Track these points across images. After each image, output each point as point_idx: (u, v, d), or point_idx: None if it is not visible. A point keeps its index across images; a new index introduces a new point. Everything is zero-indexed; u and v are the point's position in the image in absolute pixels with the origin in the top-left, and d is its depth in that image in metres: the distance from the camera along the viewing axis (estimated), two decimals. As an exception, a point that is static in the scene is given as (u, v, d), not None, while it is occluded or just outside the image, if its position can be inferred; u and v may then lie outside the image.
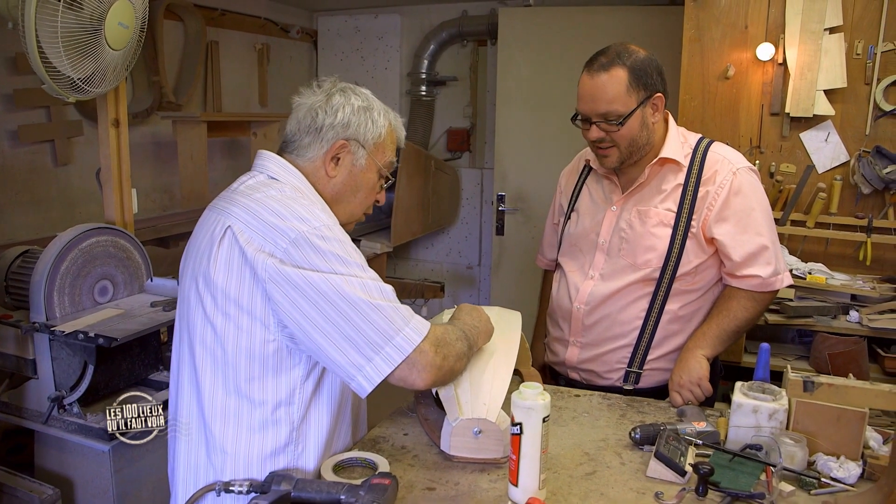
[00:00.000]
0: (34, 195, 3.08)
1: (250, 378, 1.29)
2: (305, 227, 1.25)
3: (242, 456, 1.31)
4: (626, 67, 1.70)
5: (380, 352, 1.23)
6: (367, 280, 1.26)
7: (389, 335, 1.23)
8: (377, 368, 1.23)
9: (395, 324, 1.24)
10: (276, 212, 1.27)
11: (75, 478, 2.13)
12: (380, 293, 1.26)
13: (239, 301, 1.26)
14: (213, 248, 1.29)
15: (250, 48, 4.37)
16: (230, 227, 1.28)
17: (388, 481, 1.24)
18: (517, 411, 1.25)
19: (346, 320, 1.22)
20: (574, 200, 2.00)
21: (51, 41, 1.91)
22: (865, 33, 2.64)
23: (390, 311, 1.25)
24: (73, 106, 3.15)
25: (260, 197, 1.31)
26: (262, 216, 1.27)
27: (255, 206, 1.29)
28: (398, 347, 1.24)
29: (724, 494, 1.29)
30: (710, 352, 1.78)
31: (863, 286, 2.58)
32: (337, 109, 1.40)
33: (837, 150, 2.72)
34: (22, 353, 2.14)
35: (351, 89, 1.44)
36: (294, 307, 1.23)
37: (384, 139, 1.45)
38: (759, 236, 1.77)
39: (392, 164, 1.50)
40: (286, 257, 1.23)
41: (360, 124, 1.41)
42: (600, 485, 1.35)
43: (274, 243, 1.24)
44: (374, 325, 1.23)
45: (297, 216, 1.26)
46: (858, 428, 1.39)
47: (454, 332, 1.38)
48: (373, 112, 1.43)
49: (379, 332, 1.23)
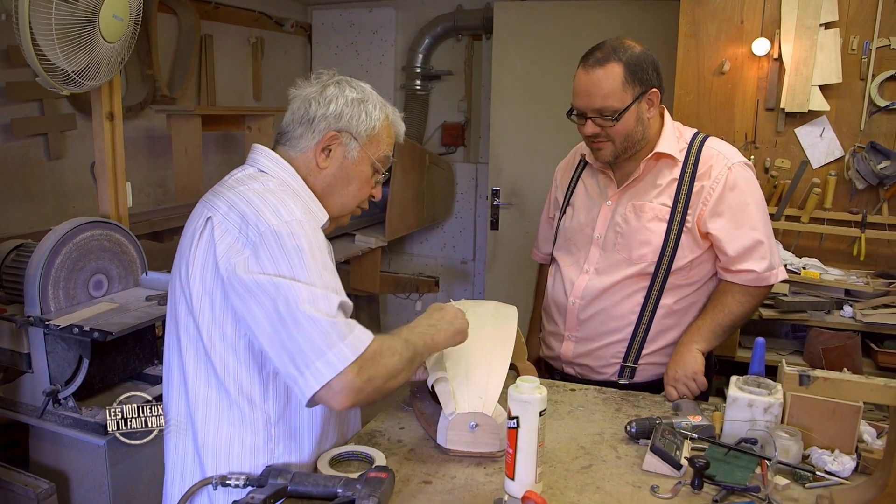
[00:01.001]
0: (27, 189, 3.06)
1: (226, 372, 1.29)
2: (276, 221, 1.24)
3: (223, 450, 1.31)
4: (621, 62, 1.70)
5: (311, 366, 1.17)
6: (316, 290, 1.20)
7: (321, 350, 1.17)
8: (307, 383, 1.18)
9: (329, 339, 1.17)
10: (253, 204, 1.27)
11: (70, 472, 2.12)
12: (325, 305, 1.20)
13: (212, 294, 1.28)
14: (194, 240, 1.31)
15: (244, 42, 4.35)
16: (210, 217, 1.30)
17: (385, 475, 1.24)
18: (514, 405, 1.25)
19: (284, 327, 1.18)
20: (569, 195, 2.00)
21: (45, 33, 1.90)
22: (861, 29, 2.64)
23: (327, 325, 1.18)
24: (67, 99, 3.13)
25: (242, 190, 1.31)
26: (240, 208, 1.27)
27: (235, 198, 1.30)
28: (328, 363, 1.17)
29: (719, 488, 1.30)
30: (705, 346, 1.78)
31: (857, 281, 2.59)
32: (330, 101, 1.39)
33: (832, 146, 2.73)
34: (16, 347, 2.13)
35: (347, 82, 1.43)
36: (244, 305, 1.23)
37: (378, 132, 1.44)
38: (754, 231, 1.77)
39: (387, 158, 1.48)
40: (252, 252, 1.22)
41: (353, 116, 1.40)
42: (596, 478, 1.36)
43: (246, 237, 1.24)
44: (307, 338, 1.17)
45: (272, 209, 1.26)
46: (853, 422, 1.40)
47: (392, 344, 1.28)
48: (367, 104, 1.42)
49: (311, 345, 1.17)
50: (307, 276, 1.21)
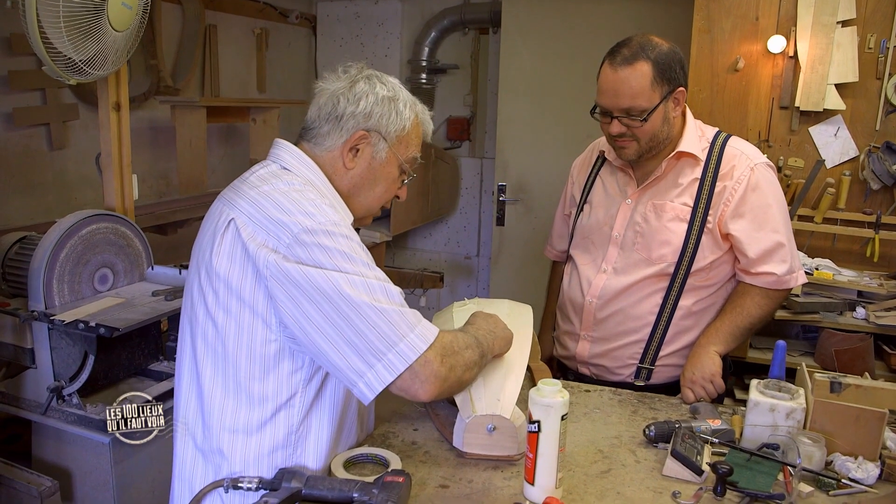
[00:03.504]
0: (29, 180, 3.02)
1: (250, 377, 1.25)
2: (310, 222, 1.19)
3: (239, 455, 1.27)
4: (650, 61, 1.66)
5: (382, 358, 1.16)
6: (373, 280, 1.19)
7: (393, 341, 1.16)
8: (379, 376, 1.16)
9: (400, 329, 1.17)
10: (281, 205, 1.21)
11: (74, 469, 2.09)
12: (385, 295, 1.19)
13: (241, 295, 1.22)
14: (215, 240, 1.25)
15: (249, 33, 4.30)
16: (234, 219, 1.23)
17: (402, 479, 1.21)
18: (535, 409, 1.22)
19: (347, 323, 1.15)
20: (587, 192, 1.97)
21: (52, 21, 1.85)
22: (878, 27, 2.62)
23: (395, 316, 1.17)
24: (69, 89, 3.09)
25: (267, 189, 1.25)
26: (267, 210, 1.22)
27: (260, 198, 1.24)
28: (401, 354, 1.16)
29: (742, 494, 1.27)
30: (722, 348, 1.76)
31: (870, 283, 2.56)
32: (360, 98, 1.32)
33: (847, 145, 2.70)
34: (20, 342, 2.10)
35: (377, 77, 1.37)
36: (295, 306, 1.17)
37: (408, 132, 1.37)
38: (775, 233, 1.75)
39: (415, 159, 1.42)
40: (289, 253, 1.17)
41: (384, 115, 1.33)
42: (616, 483, 1.33)
43: (277, 238, 1.18)
44: (376, 329, 1.15)
45: (303, 211, 1.20)
46: (877, 428, 1.37)
47: (464, 339, 1.31)
48: (398, 103, 1.35)
49: (382, 337, 1.16)
50: (359, 268, 1.18)
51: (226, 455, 1.27)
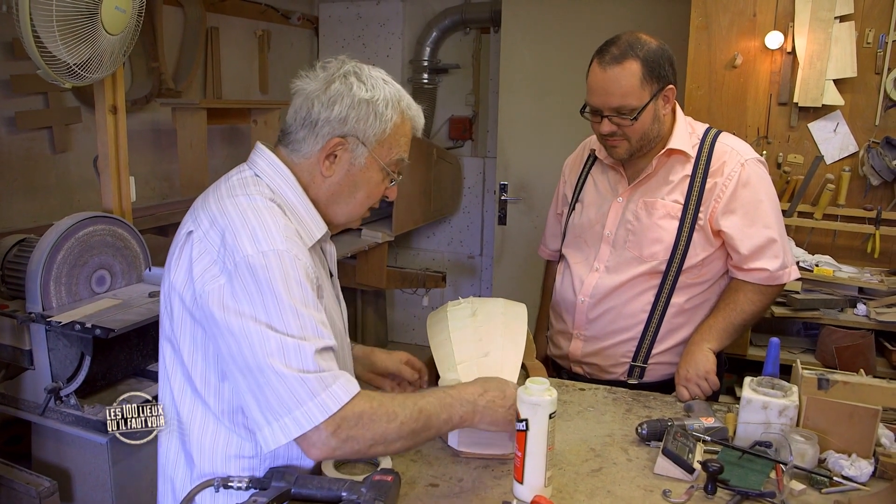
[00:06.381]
0: (32, 183, 3.04)
1: (206, 383, 1.24)
2: (251, 251, 1.14)
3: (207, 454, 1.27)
4: (639, 59, 1.65)
5: (279, 419, 1.11)
6: (288, 340, 1.12)
7: (289, 408, 1.11)
8: (274, 435, 1.12)
9: (298, 397, 1.11)
10: (233, 224, 1.18)
11: (73, 470, 2.11)
12: (297, 358, 1.12)
13: (192, 312, 1.21)
14: (174, 254, 1.24)
15: (251, 34, 4.32)
16: (192, 233, 1.22)
17: (391, 478, 1.21)
18: (523, 407, 1.22)
19: (253, 378, 1.13)
20: (578, 191, 1.96)
21: (46, 25, 1.87)
22: (876, 22, 2.59)
23: (295, 383, 1.11)
24: (71, 92, 3.11)
25: (227, 204, 1.22)
26: (220, 227, 1.19)
27: (218, 214, 1.21)
28: (296, 422, 1.11)
29: (733, 493, 1.27)
30: (716, 345, 1.75)
31: (870, 279, 2.54)
32: (334, 101, 1.25)
33: (846, 141, 2.68)
34: (18, 343, 2.11)
35: (356, 75, 1.29)
36: (215, 342, 1.18)
37: (390, 134, 1.29)
38: (767, 229, 1.74)
39: (401, 161, 1.34)
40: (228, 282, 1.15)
41: (361, 119, 1.26)
42: (607, 482, 1.33)
43: (223, 262, 1.16)
44: (276, 393, 1.11)
45: (250, 234, 1.16)
46: (871, 425, 1.36)
47: (393, 410, 1.18)
48: (377, 104, 1.26)
49: (280, 401, 1.11)
50: (281, 321, 1.13)
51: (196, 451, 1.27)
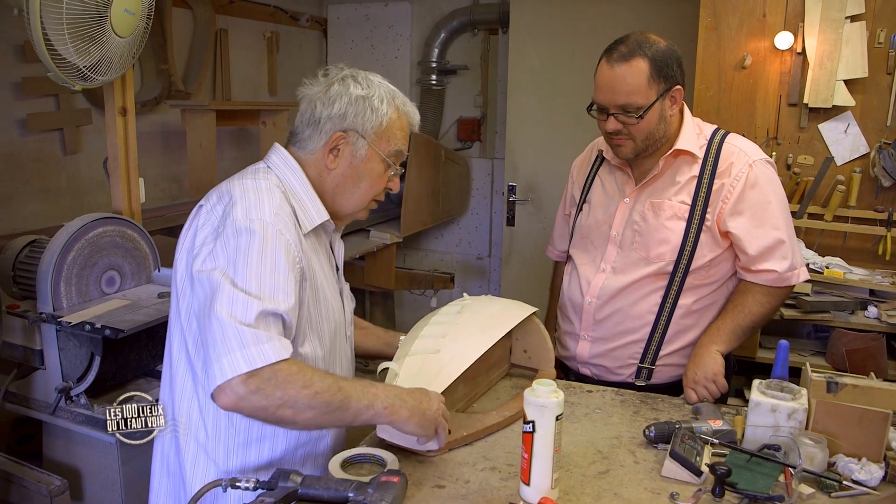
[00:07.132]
0: (43, 184, 3.06)
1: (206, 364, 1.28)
2: (241, 217, 1.26)
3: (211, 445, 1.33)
4: (647, 58, 1.65)
5: (213, 364, 1.18)
6: (239, 295, 1.20)
7: (219, 354, 1.17)
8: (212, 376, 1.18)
9: (229, 345, 1.17)
10: (234, 197, 1.30)
11: (83, 468, 2.13)
12: (242, 311, 1.19)
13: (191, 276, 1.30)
14: (186, 224, 1.36)
15: (260, 36, 4.34)
16: (202, 206, 1.35)
17: (398, 479, 1.21)
18: (529, 409, 1.22)
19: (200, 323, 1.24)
20: (586, 191, 1.96)
21: (56, 28, 1.88)
22: (888, 22, 2.58)
23: (230, 332, 1.18)
24: (82, 94, 3.13)
25: (234, 182, 1.36)
26: (224, 199, 1.31)
27: (224, 188, 1.35)
28: (221, 368, 1.17)
29: (741, 496, 1.26)
30: (724, 347, 1.74)
31: (882, 281, 2.53)
32: (334, 100, 1.38)
33: (857, 142, 2.67)
34: (29, 343, 2.13)
35: (353, 77, 1.41)
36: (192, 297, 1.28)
37: (387, 127, 1.41)
38: (775, 230, 1.73)
39: (400, 152, 1.46)
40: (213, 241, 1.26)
41: (359, 114, 1.38)
42: (614, 484, 1.32)
43: (217, 231, 1.27)
44: (213, 337, 1.18)
45: (245, 206, 1.28)
46: (881, 429, 1.35)
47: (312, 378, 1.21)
48: (373, 100, 1.39)
49: (214, 345, 1.18)
50: (244, 279, 1.21)
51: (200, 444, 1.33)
